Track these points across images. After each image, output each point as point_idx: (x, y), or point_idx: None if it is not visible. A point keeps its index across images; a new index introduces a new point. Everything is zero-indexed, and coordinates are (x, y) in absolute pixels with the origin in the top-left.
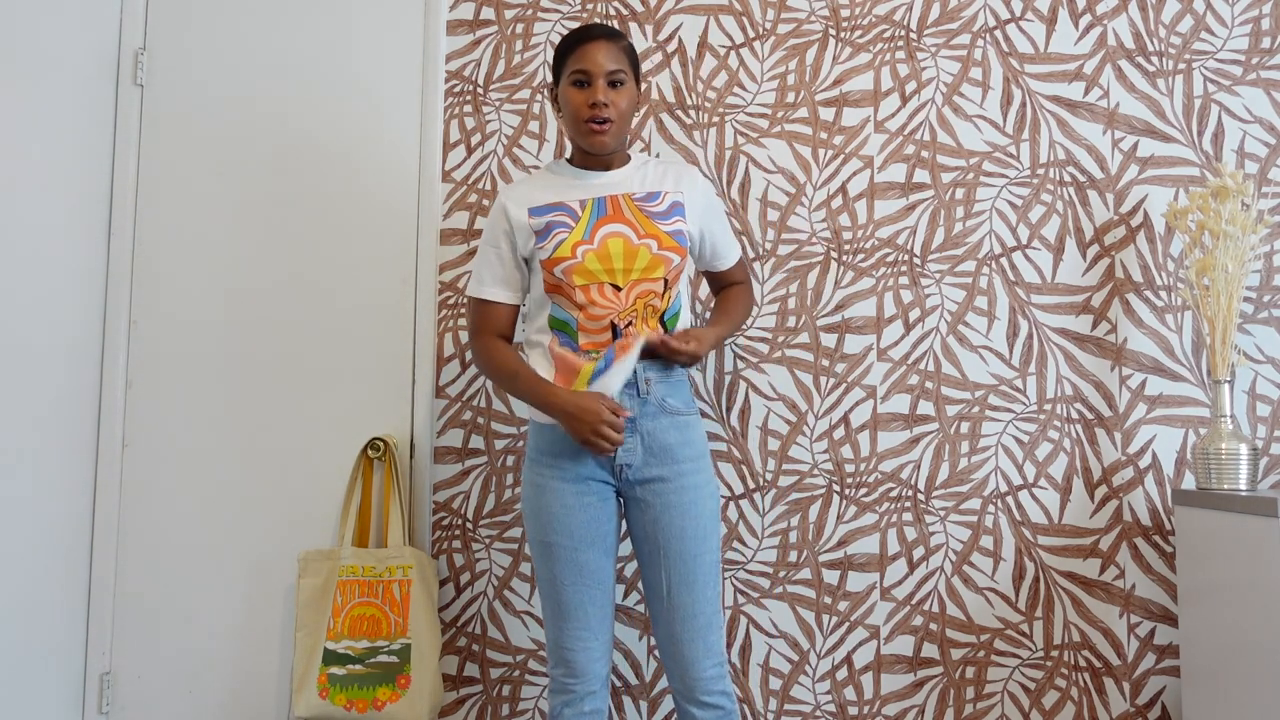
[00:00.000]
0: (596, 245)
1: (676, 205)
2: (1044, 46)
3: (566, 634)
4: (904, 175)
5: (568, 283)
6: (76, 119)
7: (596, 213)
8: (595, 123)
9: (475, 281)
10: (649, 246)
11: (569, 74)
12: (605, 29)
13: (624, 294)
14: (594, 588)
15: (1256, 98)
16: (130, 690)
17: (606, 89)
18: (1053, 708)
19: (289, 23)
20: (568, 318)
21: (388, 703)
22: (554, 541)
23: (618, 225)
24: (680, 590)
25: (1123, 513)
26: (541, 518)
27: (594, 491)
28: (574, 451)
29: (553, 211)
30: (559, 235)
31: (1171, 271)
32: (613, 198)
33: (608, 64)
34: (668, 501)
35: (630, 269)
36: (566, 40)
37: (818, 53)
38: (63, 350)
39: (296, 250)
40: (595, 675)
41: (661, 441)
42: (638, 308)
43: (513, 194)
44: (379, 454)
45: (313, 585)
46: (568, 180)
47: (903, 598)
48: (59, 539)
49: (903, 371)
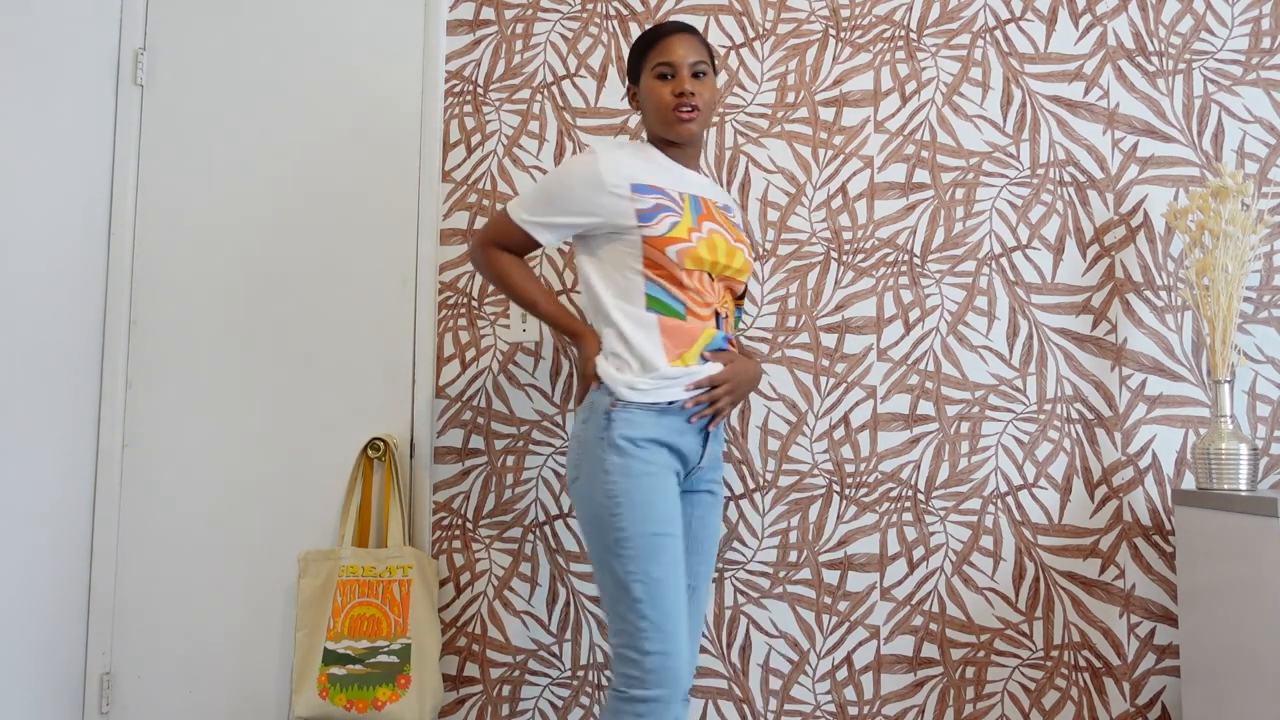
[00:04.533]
0: (706, 235)
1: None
2: (1044, 46)
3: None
4: (904, 175)
5: (679, 264)
6: (76, 119)
7: (695, 208)
8: (683, 110)
9: (523, 206)
10: (743, 250)
11: (652, 68)
12: (684, 24)
13: (716, 285)
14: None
15: (1256, 98)
16: (130, 690)
17: (691, 79)
18: (1053, 708)
19: (289, 23)
20: (674, 302)
21: (388, 703)
22: (668, 533)
23: (715, 225)
24: (699, 587)
25: (1123, 513)
26: (653, 507)
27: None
28: (674, 443)
29: (655, 194)
30: (669, 218)
31: (1171, 271)
32: (704, 199)
33: (690, 55)
34: (714, 501)
35: (730, 266)
36: (645, 37)
37: (818, 53)
38: (63, 350)
39: (296, 250)
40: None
41: (717, 446)
42: (726, 301)
43: (610, 161)
44: (379, 454)
45: (313, 585)
46: (664, 167)
47: (903, 598)
48: (59, 539)
49: (903, 371)
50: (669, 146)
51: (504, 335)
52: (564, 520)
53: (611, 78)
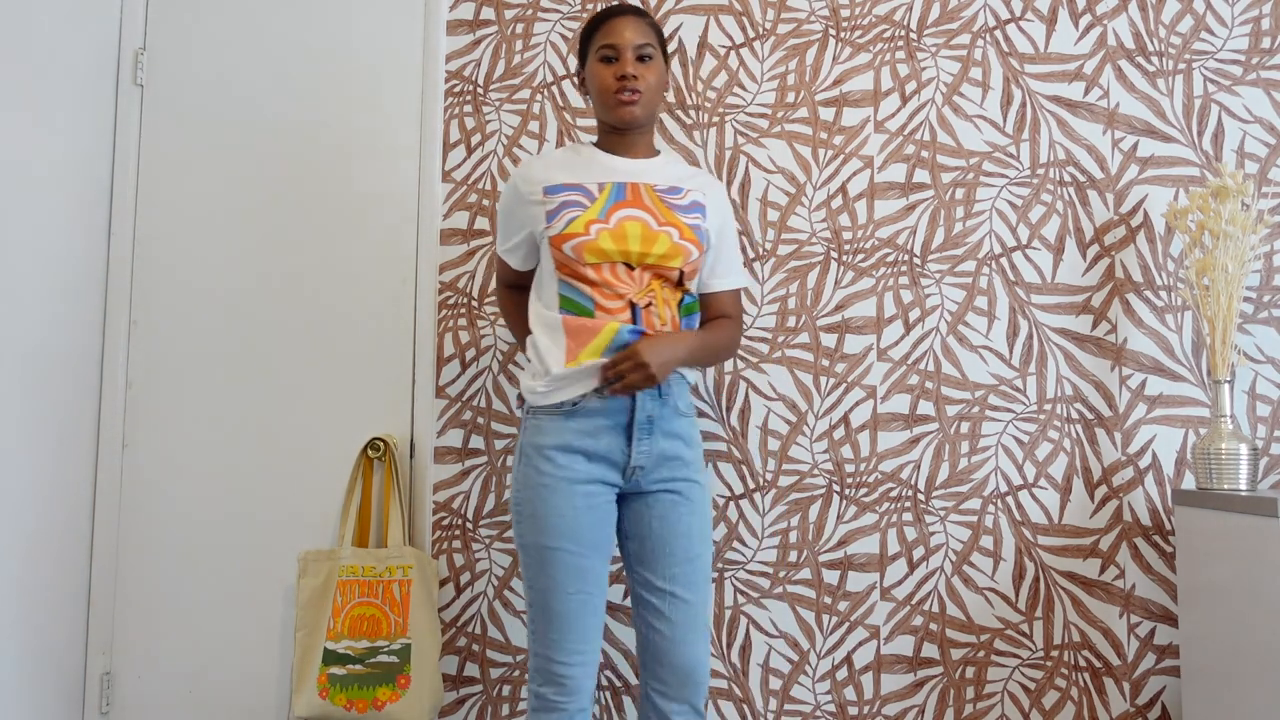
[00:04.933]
0: (612, 225)
1: (697, 204)
2: (1044, 46)
3: (563, 648)
4: (904, 175)
5: (578, 260)
6: (76, 119)
7: (615, 196)
8: (624, 93)
9: (499, 240)
10: (669, 234)
11: (596, 50)
12: (631, 6)
13: (637, 274)
14: (595, 596)
15: (1256, 98)
16: (130, 690)
17: (635, 62)
18: (1053, 708)
19: (289, 23)
20: (583, 299)
21: (388, 703)
22: (559, 547)
23: (636, 210)
24: (685, 592)
25: (1123, 513)
26: (545, 520)
27: (601, 493)
28: (587, 448)
29: (567, 191)
30: (571, 214)
31: (1171, 271)
32: (634, 184)
33: (635, 38)
34: (677, 501)
35: (647, 253)
36: (592, 19)
37: (818, 53)
38: (63, 350)
39: (296, 250)
40: (587, 691)
41: (673, 443)
42: (654, 288)
43: (529, 172)
44: (379, 454)
45: (313, 585)
46: (589, 161)
47: (903, 598)
48: (59, 539)
49: (903, 371)
50: (615, 134)
51: (504, 335)
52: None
53: None
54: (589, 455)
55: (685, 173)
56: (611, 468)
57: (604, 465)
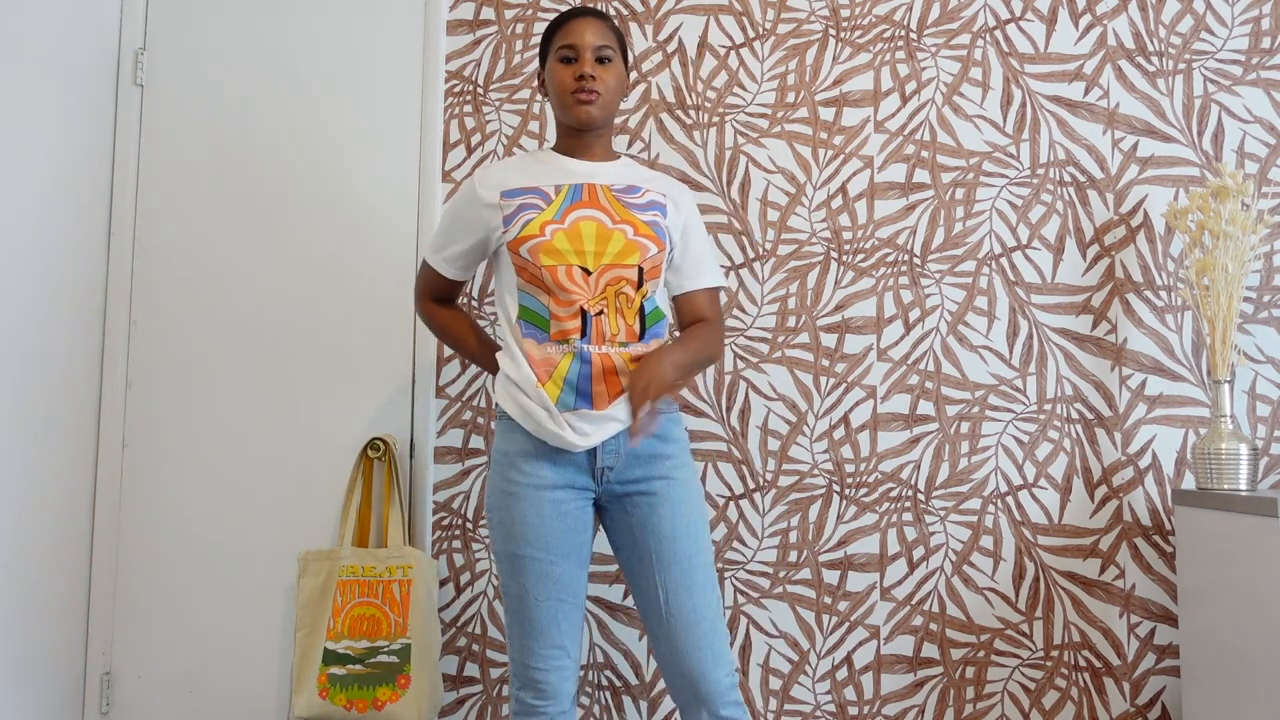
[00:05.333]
0: (567, 225)
1: (656, 203)
2: (1044, 46)
3: (537, 653)
4: (904, 175)
5: (534, 263)
6: (76, 119)
7: (571, 198)
8: (582, 93)
9: (429, 246)
10: (624, 231)
11: (555, 51)
12: (591, 9)
13: (594, 279)
14: (568, 602)
15: (1256, 98)
16: (130, 690)
17: (594, 63)
18: (1053, 708)
19: (289, 23)
20: (538, 307)
21: (388, 703)
22: (527, 554)
23: (591, 210)
24: (679, 596)
25: (1123, 513)
26: (513, 528)
27: (571, 499)
28: (551, 455)
29: (524, 195)
30: (526, 216)
31: (1171, 271)
32: (590, 185)
33: (595, 39)
34: (654, 502)
35: (602, 252)
36: (553, 22)
37: (818, 53)
38: (63, 350)
39: (296, 250)
40: (566, 695)
41: (646, 441)
42: (608, 295)
43: (486, 177)
44: (379, 454)
45: (313, 585)
46: (546, 165)
47: (903, 598)
48: (59, 539)
49: (903, 371)
50: (574, 137)
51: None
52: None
53: None
54: (554, 460)
55: (645, 175)
56: (579, 470)
57: (571, 469)
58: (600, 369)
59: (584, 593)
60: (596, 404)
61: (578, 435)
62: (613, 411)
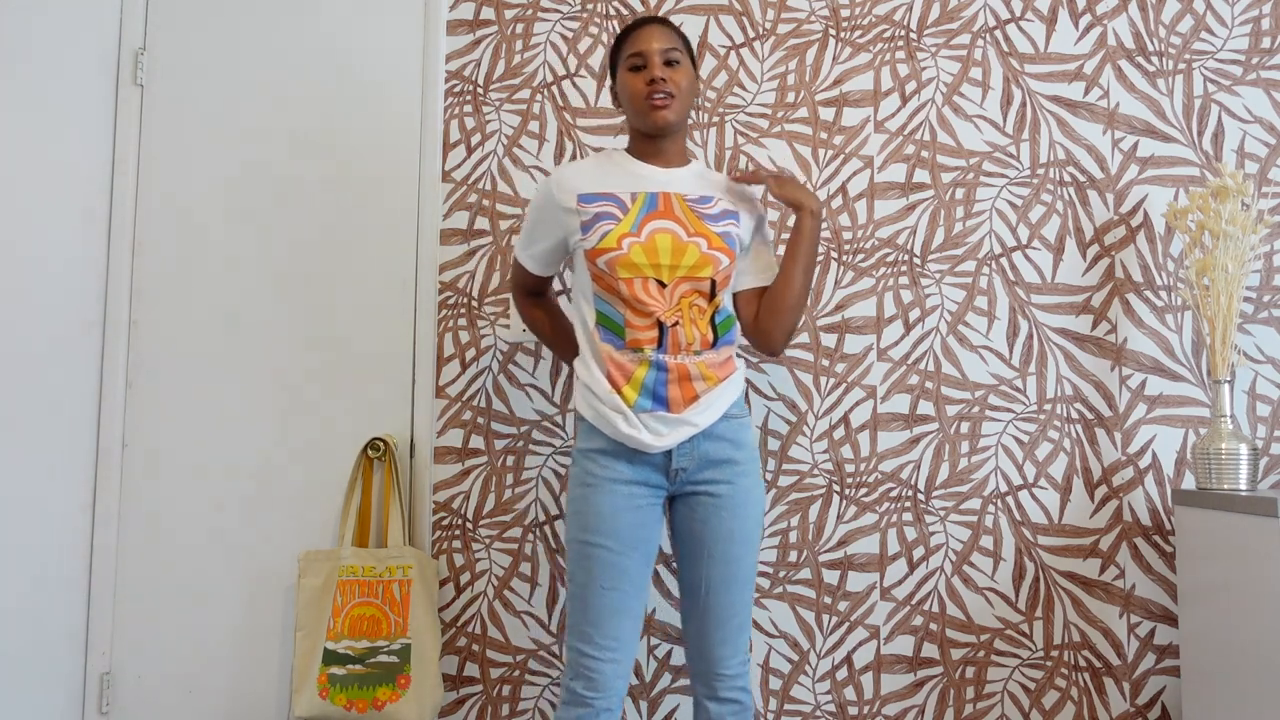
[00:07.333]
0: (643, 239)
1: (729, 212)
2: (1044, 46)
3: (595, 641)
4: (904, 175)
5: (611, 275)
6: (76, 119)
7: (647, 207)
8: (656, 97)
9: (518, 242)
10: (698, 245)
11: (625, 61)
12: (656, 16)
13: (669, 291)
14: (631, 596)
15: (1256, 98)
16: (130, 690)
17: (663, 67)
18: (1053, 708)
19: (289, 23)
20: (615, 315)
21: (388, 703)
22: (597, 543)
23: (666, 222)
24: (719, 591)
25: (1123, 513)
26: (586, 518)
27: (644, 495)
28: (628, 455)
29: (601, 201)
30: (604, 227)
31: (1171, 271)
32: (665, 194)
33: (662, 44)
34: (719, 503)
35: (677, 265)
36: (618, 36)
37: (818, 53)
38: (63, 350)
39: (296, 250)
40: (615, 692)
41: (718, 445)
42: (683, 307)
43: (563, 177)
44: (379, 454)
45: (313, 585)
46: (622, 170)
47: (903, 598)
48: (59, 539)
49: (903, 371)
50: (648, 142)
51: (504, 335)
52: (564, 520)
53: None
54: (631, 459)
55: (716, 182)
56: (655, 470)
57: (647, 468)
58: (676, 375)
59: (647, 592)
60: (672, 408)
61: (653, 435)
62: (688, 415)
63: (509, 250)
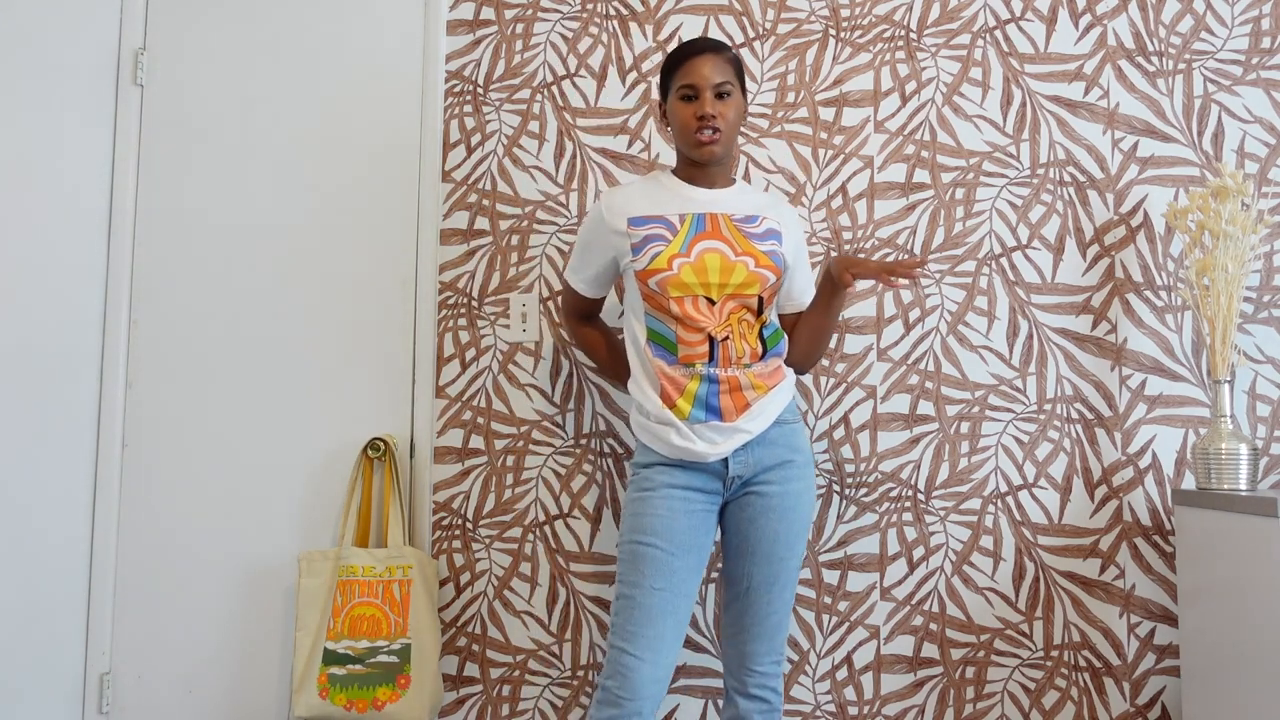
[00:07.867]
0: (693, 259)
1: (773, 231)
2: (1044, 46)
3: (638, 638)
4: (904, 175)
5: (662, 294)
6: (76, 119)
7: (695, 228)
8: (704, 133)
9: (569, 266)
10: (746, 264)
11: (677, 89)
12: (711, 42)
13: (718, 308)
14: (679, 598)
15: (1256, 98)
16: (130, 690)
17: (714, 101)
18: (1053, 708)
19: (289, 23)
20: (666, 331)
21: (388, 703)
22: (649, 543)
23: (715, 242)
24: (760, 589)
25: (1123, 513)
26: (641, 520)
27: (699, 500)
28: (685, 465)
29: (651, 224)
30: (655, 248)
31: (1171, 271)
32: (712, 215)
33: (714, 76)
34: (768, 504)
35: (726, 284)
36: (673, 56)
37: (818, 53)
38: (63, 350)
39: (296, 250)
40: (649, 697)
41: (772, 450)
42: (731, 322)
43: (613, 201)
44: (379, 454)
45: (313, 585)
46: (670, 192)
47: (903, 598)
48: (59, 539)
49: (903, 371)
50: (693, 165)
51: (504, 335)
52: (564, 520)
53: (611, 78)
54: (687, 468)
55: (759, 200)
56: (712, 478)
57: (704, 476)
58: (728, 386)
59: (694, 597)
60: (725, 417)
61: (707, 445)
62: (741, 423)
63: (509, 250)
